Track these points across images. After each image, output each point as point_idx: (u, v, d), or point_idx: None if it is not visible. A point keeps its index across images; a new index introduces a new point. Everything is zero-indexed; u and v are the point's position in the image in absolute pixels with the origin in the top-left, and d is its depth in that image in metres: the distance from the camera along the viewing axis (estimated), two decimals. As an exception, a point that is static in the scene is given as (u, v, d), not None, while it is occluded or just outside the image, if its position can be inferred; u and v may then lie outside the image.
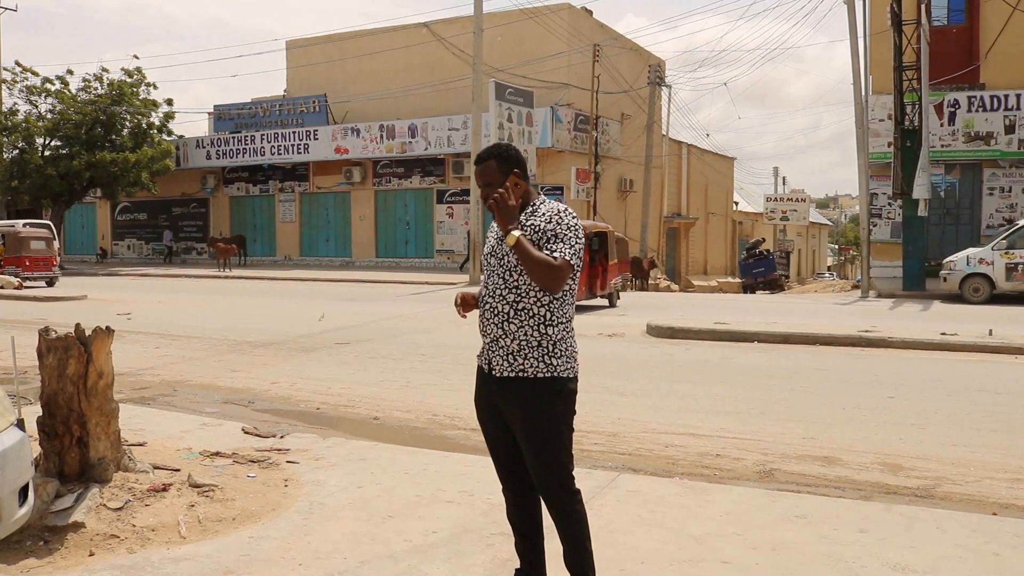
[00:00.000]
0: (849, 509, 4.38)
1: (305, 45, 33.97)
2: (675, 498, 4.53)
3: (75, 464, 4.24)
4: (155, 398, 7.70)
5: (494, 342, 3.02)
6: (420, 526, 4.10)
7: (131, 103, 32.17)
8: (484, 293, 3.08)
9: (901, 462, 5.58)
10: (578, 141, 28.90)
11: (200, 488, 4.41)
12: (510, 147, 3.10)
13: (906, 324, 12.76)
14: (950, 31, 23.19)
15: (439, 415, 7.03)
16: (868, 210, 21.70)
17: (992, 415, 6.95)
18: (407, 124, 29.45)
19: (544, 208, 3.01)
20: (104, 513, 4.00)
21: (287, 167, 33.36)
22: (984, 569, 3.62)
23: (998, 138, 22.38)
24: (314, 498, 4.51)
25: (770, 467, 5.50)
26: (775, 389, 8.08)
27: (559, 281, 2.88)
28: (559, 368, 2.95)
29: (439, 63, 29.44)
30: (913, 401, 7.51)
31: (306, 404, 7.54)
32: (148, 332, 12.28)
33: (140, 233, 38.42)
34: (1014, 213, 22.12)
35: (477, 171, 3.07)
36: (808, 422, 6.71)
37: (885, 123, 22.17)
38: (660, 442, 6.12)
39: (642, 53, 34.14)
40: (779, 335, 11.42)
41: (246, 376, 8.88)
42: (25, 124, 31.13)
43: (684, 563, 3.67)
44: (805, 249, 57.22)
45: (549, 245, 2.90)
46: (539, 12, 28.40)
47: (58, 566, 3.64)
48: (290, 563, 3.68)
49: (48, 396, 4.27)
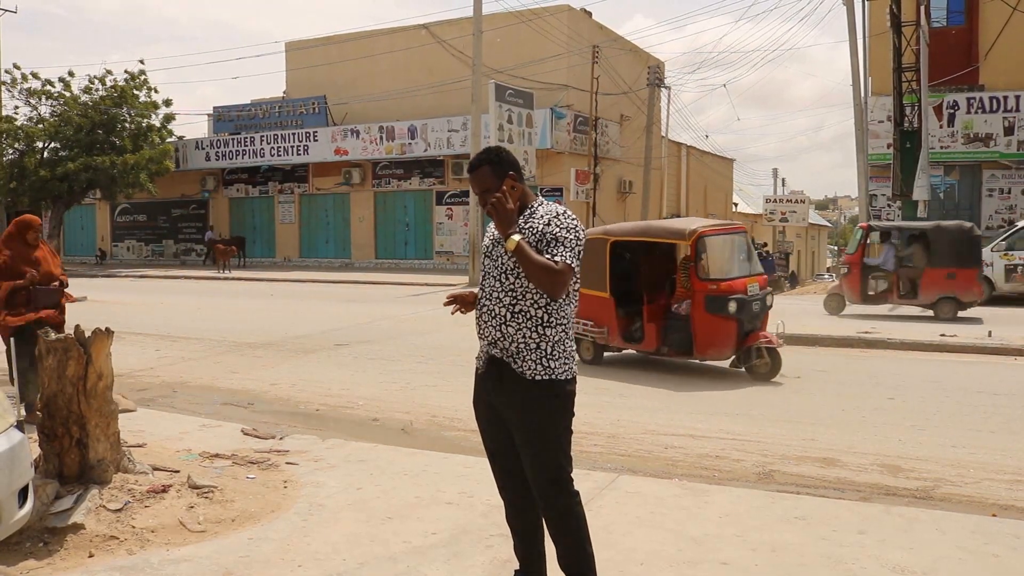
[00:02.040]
0: (848, 510, 4.38)
1: (305, 47, 33.96)
2: (674, 499, 4.54)
3: (75, 465, 4.24)
4: (154, 399, 7.69)
5: (492, 344, 3.02)
6: (419, 527, 4.10)
7: (132, 105, 32.16)
8: (481, 296, 3.07)
9: (900, 463, 5.58)
10: (577, 142, 28.90)
11: (199, 489, 4.42)
12: (502, 150, 3.07)
13: (905, 325, 12.77)
14: (949, 32, 23.22)
15: (439, 416, 7.04)
16: (868, 211, 21.71)
17: (991, 416, 6.96)
18: (406, 125, 29.44)
19: (542, 210, 3.00)
20: (104, 514, 4.00)
21: (286, 168, 33.34)
22: (983, 570, 3.62)
23: (997, 139, 22.41)
24: (313, 499, 4.51)
25: (769, 468, 5.50)
26: (774, 390, 8.08)
27: (560, 286, 2.86)
28: (557, 370, 2.95)
29: (439, 64, 29.43)
30: (912, 402, 7.51)
31: (305, 405, 7.54)
32: (147, 333, 12.28)
33: (140, 235, 38.38)
34: (1013, 214, 22.14)
35: (472, 178, 3.05)
36: (807, 423, 6.72)
37: (884, 124, 22.19)
38: (660, 443, 6.13)
39: (641, 54, 34.15)
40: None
41: (245, 377, 8.88)
42: (23, 130, 31.12)
43: (683, 564, 3.67)
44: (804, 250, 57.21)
45: (549, 249, 2.88)
46: (538, 14, 28.41)
47: (58, 567, 3.64)
48: (289, 564, 3.68)
49: (47, 398, 4.27)
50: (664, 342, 8.88)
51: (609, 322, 9.10)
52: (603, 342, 9.25)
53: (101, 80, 31.98)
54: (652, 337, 8.90)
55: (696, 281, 8.56)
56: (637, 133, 31.84)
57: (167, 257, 37.18)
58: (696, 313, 8.51)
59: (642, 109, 31.67)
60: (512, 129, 23.79)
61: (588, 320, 9.16)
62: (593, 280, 8.94)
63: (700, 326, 8.48)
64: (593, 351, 9.40)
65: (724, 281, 8.56)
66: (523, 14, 28.33)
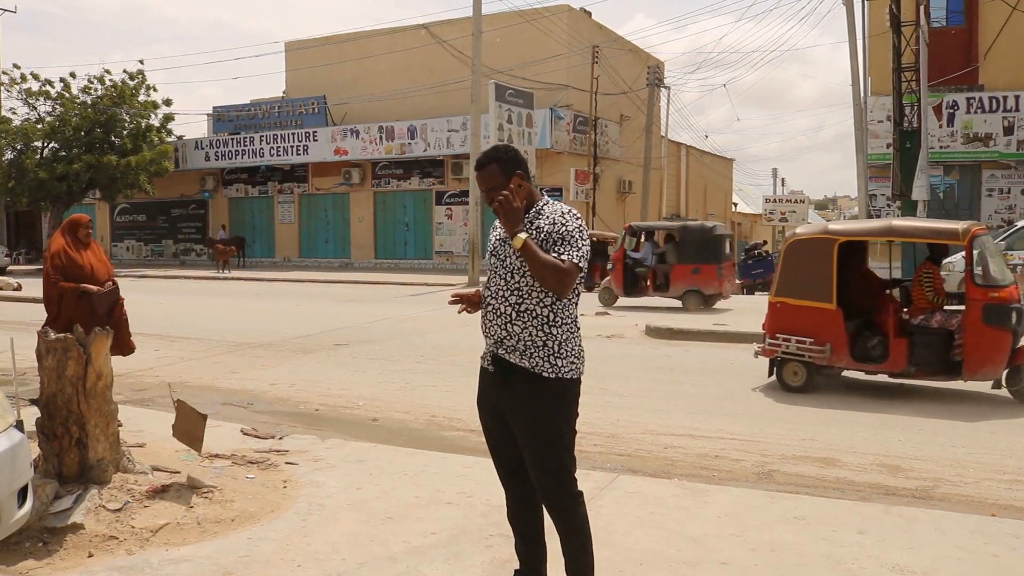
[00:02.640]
0: (848, 510, 4.38)
1: (304, 47, 33.96)
2: (674, 499, 4.54)
3: (74, 465, 4.24)
4: (154, 399, 7.69)
5: (497, 343, 3.01)
6: (419, 527, 4.10)
7: (132, 105, 32.16)
8: (486, 294, 3.07)
9: (900, 463, 5.58)
10: (577, 142, 28.90)
11: (199, 489, 4.41)
12: (510, 148, 3.08)
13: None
14: (949, 32, 23.22)
15: (438, 416, 7.03)
16: (867, 211, 21.71)
17: (990, 417, 6.96)
18: (406, 125, 29.44)
19: (548, 210, 3.00)
20: (103, 514, 4.00)
21: (286, 168, 33.33)
22: (983, 570, 3.62)
23: (997, 139, 22.41)
24: (313, 499, 4.51)
25: (769, 468, 5.50)
26: (774, 390, 8.08)
27: (567, 284, 2.87)
28: (563, 369, 2.95)
29: (438, 64, 29.43)
30: (911, 402, 7.51)
31: (305, 405, 7.54)
32: (147, 333, 12.26)
33: (139, 235, 38.37)
34: (1013, 214, 22.14)
35: (479, 176, 3.04)
36: (807, 423, 6.72)
37: (884, 124, 22.19)
38: (659, 443, 6.13)
39: (641, 54, 34.16)
40: (778, 336, 11.40)
41: (245, 377, 8.88)
42: (21, 130, 31.12)
43: (683, 564, 3.67)
44: (804, 250, 57.14)
45: (556, 248, 2.89)
46: (538, 14, 28.42)
47: (57, 567, 3.64)
48: (289, 564, 3.68)
49: (47, 397, 4.27)
50: (912, 361, 7.59)
51: (835, 338, 7.70)
52: (823, 362, 7.79)
53: (100, 80, 31.98)
54: (900, 356, 7.53)
55: (972, 288, 7.37)
56: (637, 133, 31.85)
57: (167, 257, 37.20)
58: (971, 325, 7.29)
59: (642, 109, 31.68)
60: (512, 129, 23.79)
61: (801, 336, 7.81)
62: (808, 288, 7.83)
63: (975, 341, 7.26)
64: (805, 375, 7.90)
65: (1003, 288, 7.46)
66: (523, 14, 28.34)
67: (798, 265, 7.95)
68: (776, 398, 7.75)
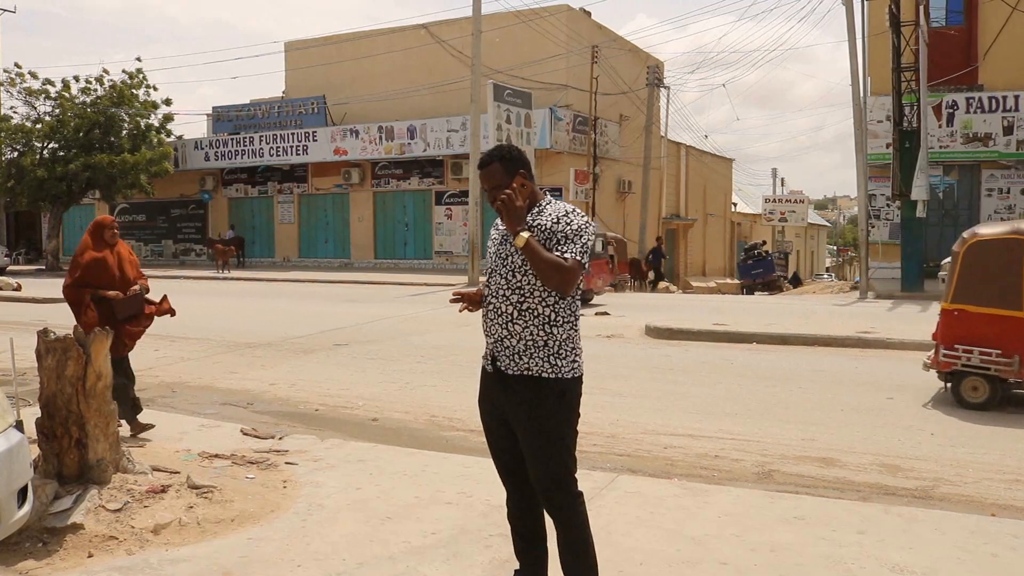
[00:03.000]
0: (848, 510, 4.38)
1: (304, 47, 33.95)
2: (674, 499, 4.54)
3: (74, 465, 4.24)
4: (154, 400, 7.69)
5: (498, 342, 3.01)
6: (418, 527, 4.10)
7: (131, 105, 32.14)
8: (488, 293, 3.07)
9: (899, 463, 5.59)
10: (577, 142, 28.90)
11: (199, 489, 4.41)
12: (513, 148, 3.09)
13: (904, 325, 12.75)
14: (948, 32, 23.21)
15: (438, 416, 7.03)
16: (867, 211, 21.71)
17: (990, 417, 6.96)
18: (406, 125, 29.43)
19: (551, 208, 3.01)
20: (103, 514, 4.00)
21: (286, 168, 33.32)
22: (982, 570, 3.63)
23: (996, 139, 22.41)
24: (313, 499, 4.51)
25: (769, 468, 5.51)
26: (774, 390, 8.08)
27: (569, 283, 2.88)
28: (564, 369, 2.95)
29: (438, 65, 29.42)
30: (911, 402, 7.52)
31: (305, 405, 7.54)
32: (147, 333, 12.25)
33: (139, 235, 38.35)
34: (1012, 214, 22.13)
35: (482, 175, 3.05)
36: (806, 423, 6.72)
37: (884, 124, 22.18)
38: (659, 443, 6.13)
39: (640, 54, 34.15)
40: (777, 336, 11.43)
41: (245, 377, 8.88)
42: (20, 130, 31.11)
43: (682, 564, 3.67)
44: (803, 250, 57.23)
45: (559, 247, 2.89)
46: (538, 14, 28.41)
47: (57, 567, 3.64)
48: (289, 564, 3.68)
49: (47, 398, 4.27)
50: None
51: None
52: (1011, 376, 7.11)
53: (99, 81, 31.96)
54: None
55: None
56: (636, 133, 31.85)
57: (166, 257, 37.20)
58: None
59: (641, 109, 31.68)
60: (511, 129, 23.78)
61: (984, 348, 7.13)
62: (994, 294, 7.19)
63: None
64: (987, 390, 7.20)
65: None
66: (522, 14, 28.33)
67: (982, 269, 7.26)
68: (775, 399, 7.75)
